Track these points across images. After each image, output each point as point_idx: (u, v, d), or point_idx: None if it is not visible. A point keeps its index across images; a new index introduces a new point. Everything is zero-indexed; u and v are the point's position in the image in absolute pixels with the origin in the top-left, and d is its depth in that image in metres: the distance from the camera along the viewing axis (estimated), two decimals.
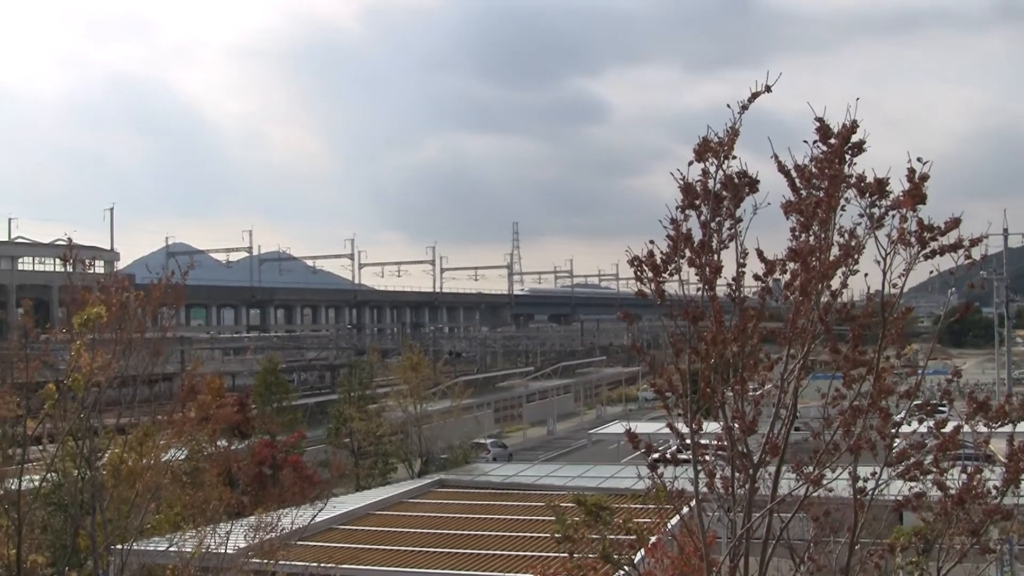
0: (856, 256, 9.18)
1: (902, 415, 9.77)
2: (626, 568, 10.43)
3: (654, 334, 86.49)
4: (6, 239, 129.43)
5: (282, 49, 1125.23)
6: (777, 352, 9.74)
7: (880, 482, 9.82)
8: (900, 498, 10.01)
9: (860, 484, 9.77)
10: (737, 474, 9.69)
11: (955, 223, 8.91)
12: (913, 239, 8.96)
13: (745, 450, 9.65)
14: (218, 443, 32.54)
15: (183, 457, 21.70)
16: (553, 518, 11.43)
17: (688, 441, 9.82)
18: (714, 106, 9.87)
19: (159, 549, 18.95)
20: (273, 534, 19.95)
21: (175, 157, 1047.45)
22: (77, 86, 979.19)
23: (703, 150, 9.33)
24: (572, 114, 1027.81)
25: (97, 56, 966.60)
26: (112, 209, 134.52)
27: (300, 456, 43.56)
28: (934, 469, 9.84)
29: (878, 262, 9.07)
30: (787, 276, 9.48)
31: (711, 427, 9.92)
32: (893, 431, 9.63)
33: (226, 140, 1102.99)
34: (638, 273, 9.69)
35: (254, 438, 43.60)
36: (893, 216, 9.03)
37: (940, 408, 10.18)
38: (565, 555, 11.11)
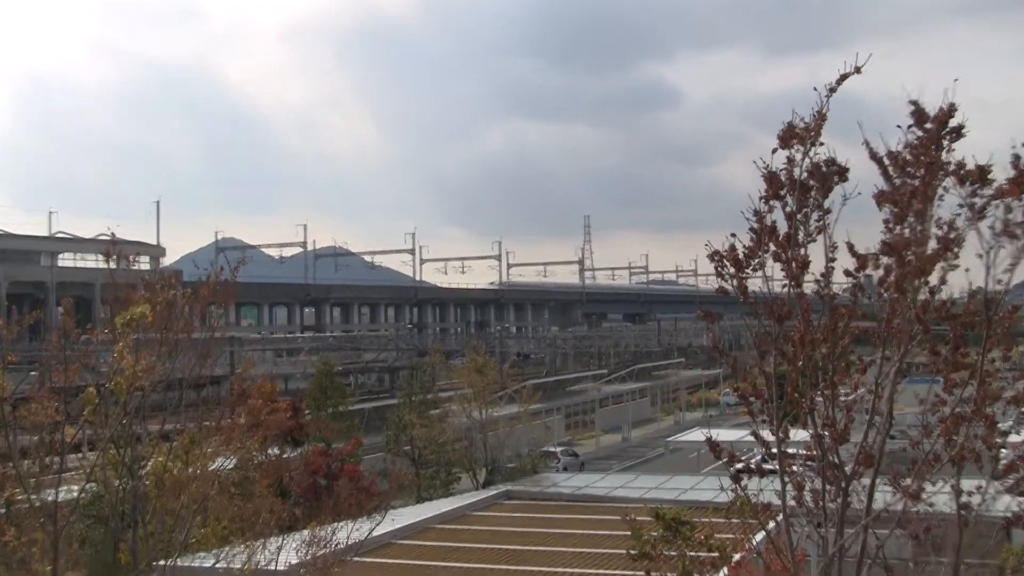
0: (956, 249, 9.06)
1: (1010, 423, 9.63)
2: None
3: (736, 334, 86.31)
4: (46, 234, 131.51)
5: (336, 34, 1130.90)
6: (871, 354, 9.64)
7: (986, 497, 9.68)
8: (1009, 515, 9.86)
9: (964, 499, 9.63)
10: (828, 486, 9.60)
11: None
12: (1019, 231, 8.82)
13: (836, 460, 9.56)
14: (269, 451, 32.75)
15: (232, 466, 21.82)
16: (629, 533, 11.41)
17: (774, 450, 9.75)
18: (793, 91, 9.85)
19: (205, 565, 19.10)
20: (327, 549, 20.06)
21: (225, 148, 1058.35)
22: (119, 74, 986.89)
23: (788, 136, 9.28)
24: (643, 101, 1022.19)
25: (139, 43, 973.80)
26: (158, 202, 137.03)
27: (357, 465, 43.82)
28: None
29: (981, 256, 8.94)
30: (881, 271, 9.38)
31: (799, 435, 9.85)
32: (1000, 441, 9.49)
33: (279, 130, 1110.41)
34: (719, 268, 9.67)
35: (308, 446, 43.93)
36: (996, 206, 8.89)
37: None
38: (642, 573, 11.08)
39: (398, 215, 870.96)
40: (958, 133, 8.97)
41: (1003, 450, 9.61)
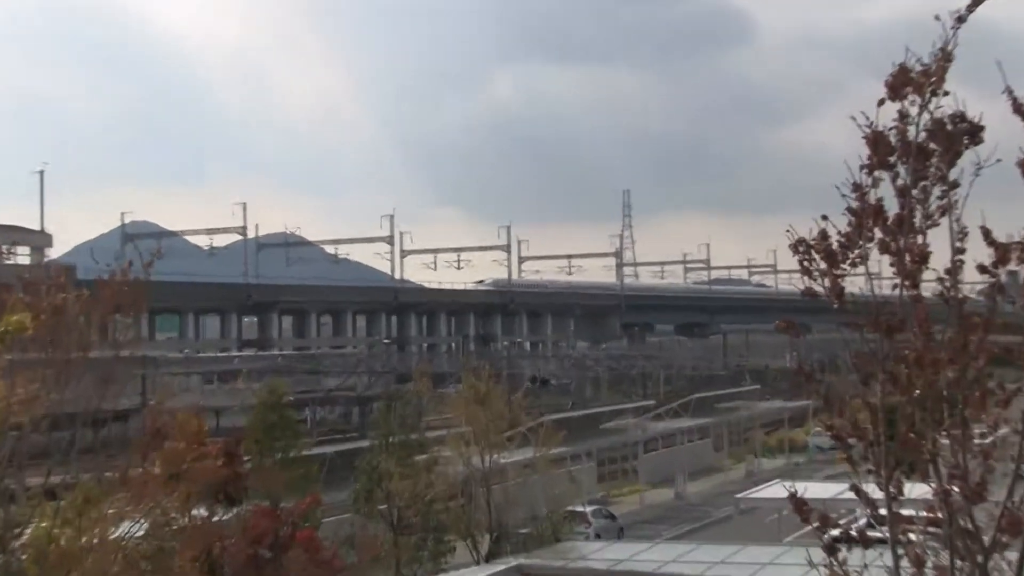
0: None
1: None
2: None
3: (830, 352, 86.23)
4: None
5: None
6: (1016, 380, 9.56)
7: None
8: None
9: None
10: (959, 562, 9.52)
11: None
12: None
13: (970, 526, 9.48)
14: (195, 512, 32.84)
15: (143, 533, 21.85)
16: None
17: (883, 511, 9.67)
18: (907, 20, 9.78)
19: None
20: None
21: (137, 101, 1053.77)
22: None
23: (900, 83, 9.21)
24: (702, 34, 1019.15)
25: None
26: (42, 173, 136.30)
27: (314, 530, 43.90)
28: None
29: None
30: None
31: (917, 491, 9.76)
32: None
33: (211, 79, 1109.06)
34: (805, 263, 9.59)
35: (248, 504, 44.01)
36: None
37: None
38: None
39: (372, 192, 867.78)
40: None
41: None
